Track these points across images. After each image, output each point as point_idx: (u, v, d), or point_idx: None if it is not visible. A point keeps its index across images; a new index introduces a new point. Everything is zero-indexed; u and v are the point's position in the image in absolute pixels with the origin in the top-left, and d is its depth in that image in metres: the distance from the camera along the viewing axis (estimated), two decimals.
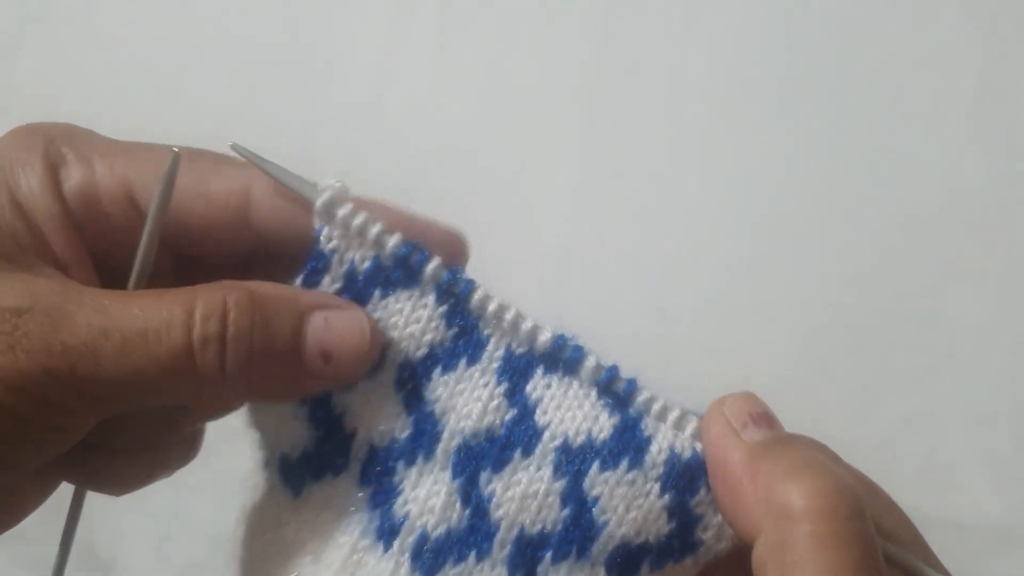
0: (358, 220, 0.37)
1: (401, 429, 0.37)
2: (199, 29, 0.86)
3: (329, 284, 0.38)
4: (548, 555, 0.36)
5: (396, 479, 0.37)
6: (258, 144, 0.39)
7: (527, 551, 0.36)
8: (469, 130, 0.83)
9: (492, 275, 0.38)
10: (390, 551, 0.37)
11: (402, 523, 0.37)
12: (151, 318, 0.34)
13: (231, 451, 0.74)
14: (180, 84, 0.85)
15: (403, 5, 0.86)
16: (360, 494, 0.38)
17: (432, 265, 0.37)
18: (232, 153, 0.39)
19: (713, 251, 0.78)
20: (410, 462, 0.37)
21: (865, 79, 0.83)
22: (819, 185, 0.80)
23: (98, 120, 0.85)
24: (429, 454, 0.37)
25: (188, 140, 0.86)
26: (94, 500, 0.74)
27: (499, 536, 0.36)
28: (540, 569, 0.36)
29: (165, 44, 0.86)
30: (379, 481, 0.37)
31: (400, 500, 0.37)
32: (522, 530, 0.36)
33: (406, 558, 0.37)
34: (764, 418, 0.35)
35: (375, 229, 0.37)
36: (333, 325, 0.37)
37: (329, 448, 0.38)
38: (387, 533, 0.37)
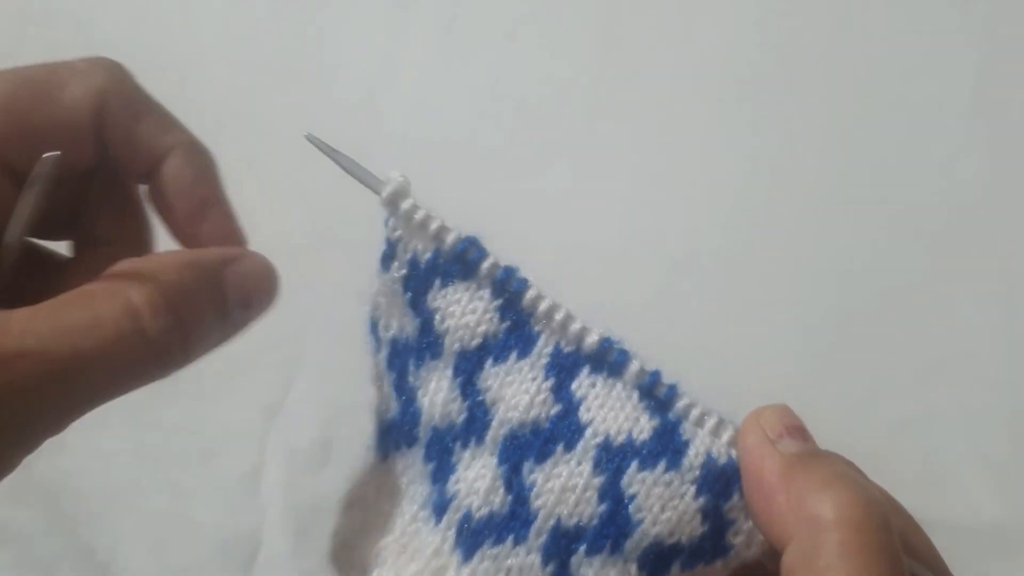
0: (419, 215, 0.39)
1: (458, 413, 0.39)
2: (198, 30, 0.86)
3: (397, 269, 0.40)
4: (582, 548, 0.37)
5: (453, 459, 0.39)
6: (257, 142, 0.40)
7: (562, 542, 0.37)
8: (467, 130, 0.83)
9: None
10: (440, 525, 0.38)
11: (451, 500, 0.39)
12: (93, 334, 0.34)
13: (229, 453, 0.74)
14: (179, 84, 0.85)
15: (405, 6, 0.86)
16: (426, 467, 0.40)
17: (488, 263, 0.39)
18: (308, 143, 0.41)
19: (710, 253, 0.79)
20: (465, 444, 0.39)
21: (863, 82, 0.83)
22: (816, 187, 0.80)
23: None
24: (480, 439, 0.39)
25: None
26: (91, 502, 0.75)
27: (536, 524, 0.37)
28: (574, 560, 0.37)
29: (164, 45, 0.86)
30: (439, 458, 0.39)
31: (453, 478, 0.39)
32: (559, 521, 0.37)
33: (451, 533, 0.38)
34: (799, 431, 0.37)
35: (434, 225, 0.39)
36: (244, 276, 0.39)
37: (407, 420, 0.40)
38: (439, 508, 0.39)
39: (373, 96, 0.83)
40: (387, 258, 0.40)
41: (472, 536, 0.38)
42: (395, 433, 0.41)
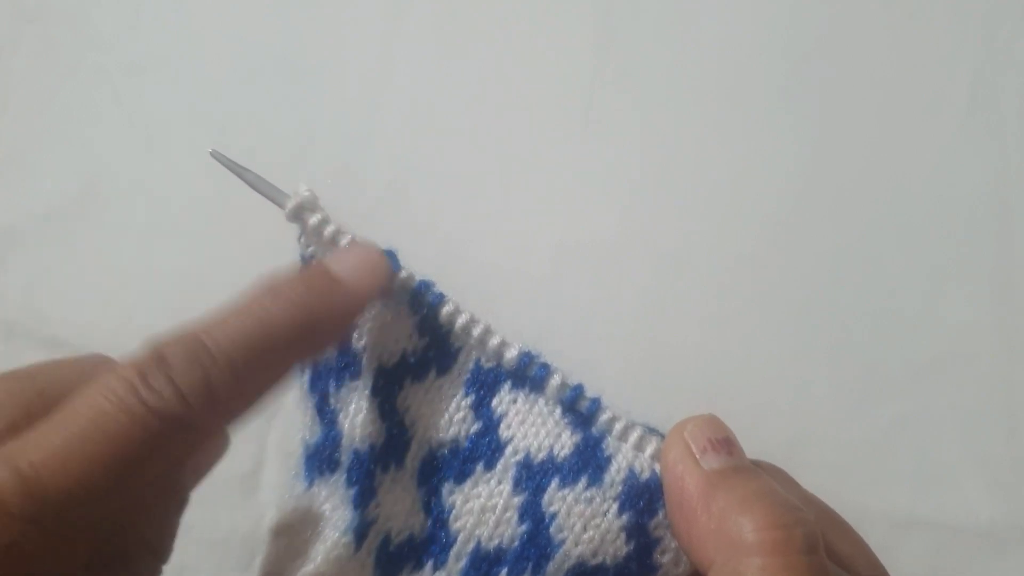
0: (328, 230, 0.37)
1: (377, 435, 0.37)
2: (194, 30, 0.86)
3: None
4: (503, 571, 0.35)
5: (375, 482, 0.37)
6: (251, 146, 0.39)
7: (482, 566, 0.36)
8: (466, 131, 0.83)
9: (488, 277, 0.38)
10: (359, 551, 0.37)
11: (371, 525, 0.37)
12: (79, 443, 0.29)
13: (227, 454, 0.74)
14: (175, 83, 0.85)
15: (400, 6, 0.86)
16: (348, 492, 0.38)
17: (402, 276, 0.37)
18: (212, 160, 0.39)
19: (707, 253, 0.79)
20: (385, 468, 0.37)
21: (859, 84, 0.83)
22: (812, 187, 0.80)
23: (94, 118, 0.86)
24: (400, 461, 0.37)
25: (182, 138, 0.86)
26: None
27: (456, 548, 0.36)
28: None
29: (160, 44, 0.86)
30: (361, 482, 0.38)
31: (374, 503, 0.37)
32: (478, 544, 0.36)
33: (371, 560, 0.37)
34: (724, 444, 0.34)
35: (344, 240, 0.37)
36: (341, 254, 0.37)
37: (328, 444, 0.39)
38: (359, 534, 0.37)
39: (368, 100, 0.83)
40: None
41: (391, 562, 0.36)
42: (318, 458, 0.39)
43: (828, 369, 0.75)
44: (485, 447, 0.36)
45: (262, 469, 0.74)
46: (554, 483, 0.36)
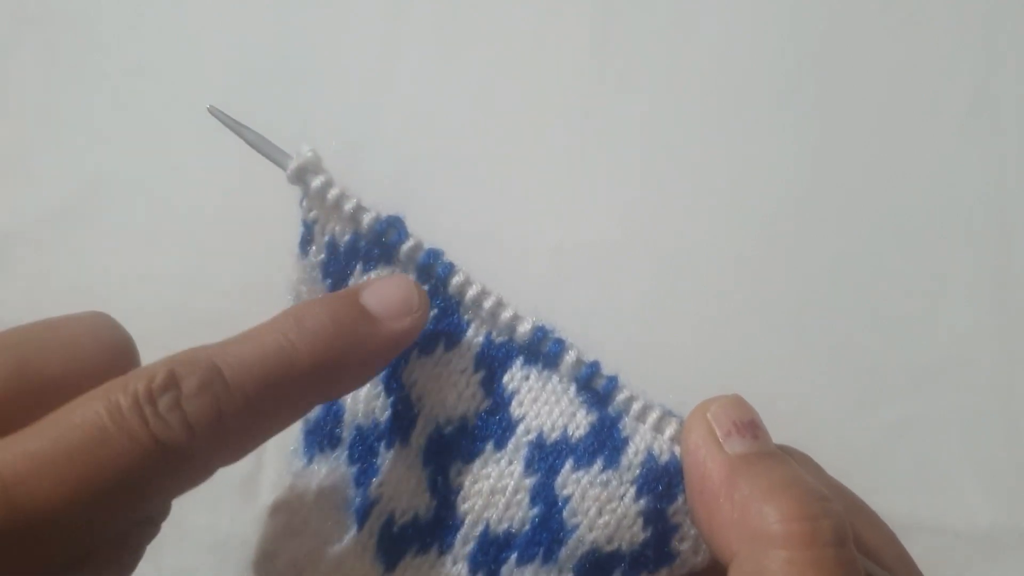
0: (332, 194, 0.35)
1: (381, 410, 0.35)
2: (194, 30, 0.86)
3: (315, 254, 0.36)
4: (513, 556, 0.34)
5: (378, 460, 0.35)
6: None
7: (491, 550, 0.34)
8: (465, 133, 0.83)
9: (487, 278, 0.38)
10: (361, 532, 0.35)
11: (373, 505, 0.35)
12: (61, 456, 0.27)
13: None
14: (176, 86, 0.85)
15: (401, 7, 0.86)
16: (350, 470, 0.36)
17: (408, 245, 0.35)
18: (210, 116, 0.37)
19: (706, 256, 0.79)
20: (389, 444, 0.35)
21: (859, 87, 0.83)
22: (812, 192, 0.80)
23: (94, 120, 0.86)
24: (405, 438, 0.35)
25: (182, 139, 0.86)
26: None
27: (463, 531, 0.34)
28: (504, 571, 0.34)
29: (161, 46, 0.86)
30: (363, 460, 0.36)
31: (376, 481, 0.35)
32: (487, 527, 0.34)
33: (373, 542, 0.35)
34: (750, 427, 0.32)
35: (350, 205, 0.35)
36: (379, 289, 0.34)
37: (329, 419, 0.37)
38: (361, 514, 0.35)
39: (370, 100, 0.83)
40: (305, 242, 0.36)
41: (394, 544, 0.34)
42: (319, 434, 0.37)
43: (828, 372, 0.75)
44: (495, 425, 0.34)
45: (262, 472, 0.73)
46: (568, 465, 0.34)
